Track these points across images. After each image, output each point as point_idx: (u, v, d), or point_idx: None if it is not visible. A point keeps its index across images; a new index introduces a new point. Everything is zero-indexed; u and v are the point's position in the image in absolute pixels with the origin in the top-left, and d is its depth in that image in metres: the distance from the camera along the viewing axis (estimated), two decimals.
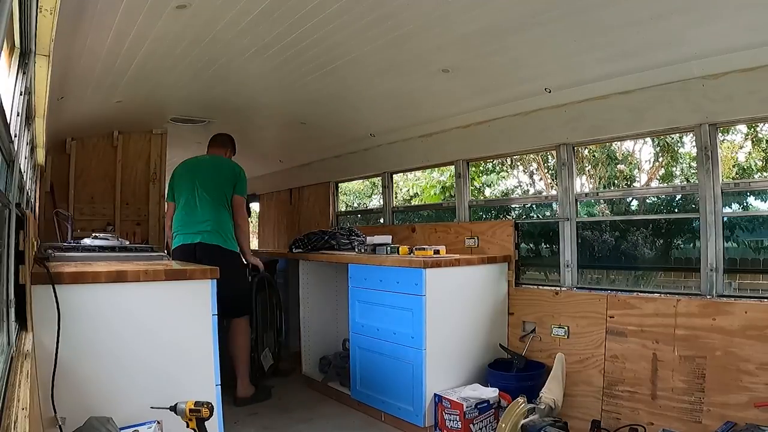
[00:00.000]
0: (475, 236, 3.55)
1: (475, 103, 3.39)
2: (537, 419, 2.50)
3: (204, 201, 3.36)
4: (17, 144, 1.53)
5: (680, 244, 6.11)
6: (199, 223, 3.31)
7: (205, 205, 3.35)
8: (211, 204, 3.35)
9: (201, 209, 3.34)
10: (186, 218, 3.37)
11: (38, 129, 2.64)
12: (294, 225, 5.77)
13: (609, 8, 2.17)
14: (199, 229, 3.30)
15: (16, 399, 1.01)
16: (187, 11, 2.25)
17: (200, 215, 3.33)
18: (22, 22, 1.39)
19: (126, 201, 4.60)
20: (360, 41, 2.61)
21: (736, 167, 6.94)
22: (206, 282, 2.07)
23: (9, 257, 1.33)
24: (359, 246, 3.68)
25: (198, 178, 3.42)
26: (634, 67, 2.60)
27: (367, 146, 4.52)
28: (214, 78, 3.17)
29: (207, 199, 3.36)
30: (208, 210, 3.34)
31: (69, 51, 2.51)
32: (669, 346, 2.56)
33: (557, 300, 3.07)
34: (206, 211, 3.33)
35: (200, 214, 3.33)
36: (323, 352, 3.91)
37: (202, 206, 3.35)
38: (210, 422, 1.84)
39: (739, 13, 2.08)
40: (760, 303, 2.32)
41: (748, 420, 2.22)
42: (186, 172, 3.51)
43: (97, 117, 3.97)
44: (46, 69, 1.76)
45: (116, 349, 1.85)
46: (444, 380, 2.93)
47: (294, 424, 3.07)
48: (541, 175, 9.30)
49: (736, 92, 2.38)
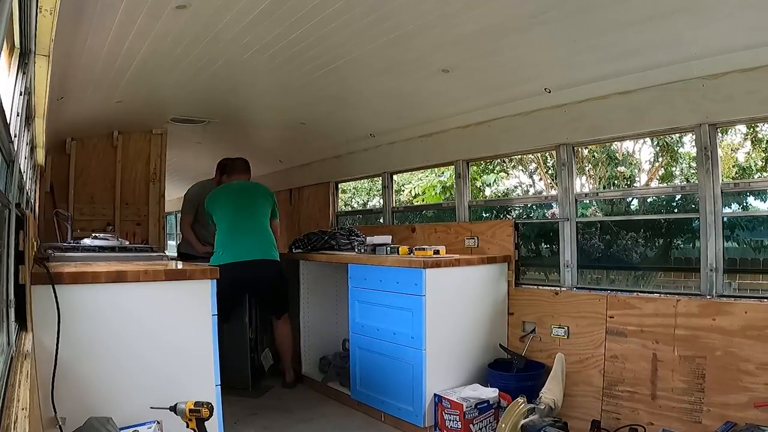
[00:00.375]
0: (475, 236, 3.54)
1: (475, 103, 3.39)
2: (537, 419, 2.50)
3: (253, 221, 3.65)
4: (17, 144, 1.53)
5: (680, 244, 6.11)
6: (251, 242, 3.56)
7: (256, 224, 3.65)
8: (259, 224, 3.66)
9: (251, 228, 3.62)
10: (234, 236, 3.57)
11: (38, 129, 2.64)
12: (294, 225, 5.77)
13: (609, 8, 2.17)
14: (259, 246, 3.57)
15: (16, 399, 1.01)
16: (187, 11, 2.25)
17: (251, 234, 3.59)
18: (22, 22, 1.39)
19: (126, 201, 4.61)
20: (360, 41, 2.61)
21: (735, 167, 6.94)
22: (206, 282, 2.06)
23: (9, 257, 1.33)
24: (359, 246, 3.68)
25: (244, 199, 3.71)
26: (634, 67, 2.60)
27: (367, 146, 4.52)
28: (214, 78, 3.17)
29: (255, 219, 3.67)
30: (260, 228, 3.65)
31: (69, 51, 2.51)
32: (669, 346, 2.56)
33: (557, 300, 3.07)
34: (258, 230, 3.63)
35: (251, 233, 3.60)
36: (323, 352, 3.91)
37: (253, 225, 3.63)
38: (210, 422, 1.84)
39: (739, 13, 2.08)
40: (760, 303, 2.32)
41: (748, 420, 2.22)
42: (228, 194, 3.72)
43: (97, 117, 3.97)
44: (46, 69, 1.76)
45: (116, 349, 1.85)
46: (444, 380, 2.93)
47: (294, 424, 3.07)
48: (541, 176, 9.30)
49: (736, 92, 2.38)
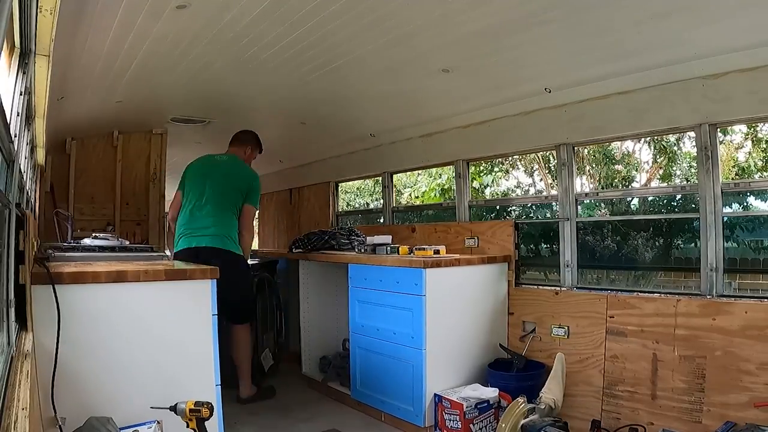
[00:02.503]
0: (475, 236, 3.54)
1: (475, 103, 3.39)
2: (537, 419, 2.50)
3: (212, 204, 3.28)
4: (17, 144, 1.53)
5: (680, 244, 6.11)
6: (203, 228, 3.23)
7: (213, 208, 3.28)
8: (218, 208, 3.28)
9: (207, 212, 3.27)
10: (191, 221, 3.29)
11: (38, 129, 2.64)
12: (294, 225, 5.77)
13: (609, 8, 2.17)
14: (204, 232, 3.23)
15: (16, 399, 1.01)
16: (187, 11, 2.25)
17: (206, 219, 3.25)
18: (22, 22, 1.39)
19: (126, 201, 4.60)
20: (360, 41, 2.61)
21: (735, 167, 6.94)
22: (206, 282, 2.06)
23: (9, 257, 1.33)
24: (359, 246, 3.68)
25: (210, 179, 3.35)
26: (634, 67, 2.60)
27: (367, 146, 4.52)
28: (215, 78, 3.17)
29: (215, 202, 3.29)
30: (215, 214, 3.27)
31: (69, 51, 2.51)
32: (669, 346, 2.56)
33: (557, 300, 3.07)
34: (213, 215, 3.26)
35: (206, 218, 3.26)
36: (323, 352, 3.91)
37: (210, 209, 3.28)
38: (210, 422, 1.84)
39: (739, 13, 2.08)
40: (760, 303, 2.32)
41: (748, 420, 2.22)
42: (200, 170, 3.43)
43: (97, 117, 3.97)
44: (46, 69, 1.76)
45: (116, 349, 1.85)
46: (444, 380, 2.93)
47: (294, 424, 3.07)
48: (542, 176, 9.29)
49: (736, 92, 2.38)
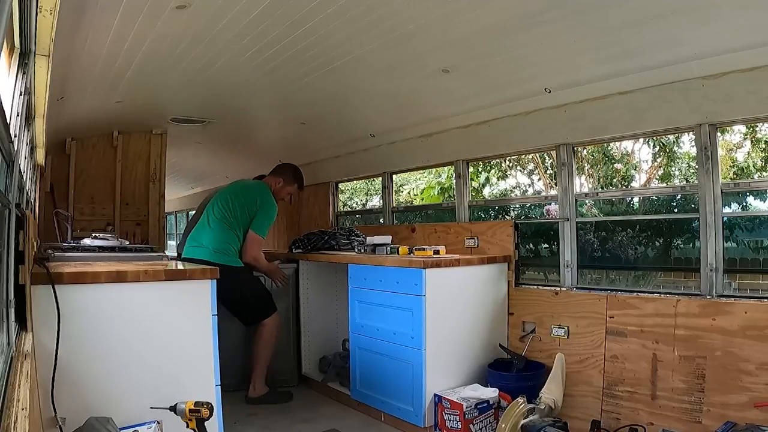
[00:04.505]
0: (475, 236, 3.54)
1: (475, 103, 3.39)
2: (537, 419, 2.50)
3: (214, 222, 3.31)
4: (17, 144, 1.53)
5: (680, 244, 6.12)
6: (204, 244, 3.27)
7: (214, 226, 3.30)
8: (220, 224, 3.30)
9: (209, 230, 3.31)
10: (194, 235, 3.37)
11: (38, 129, 2.64)
12: (294, 225, 5.76)
13: (609, 8, 2.17)
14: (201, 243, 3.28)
15: (16, 399, 1.01)
16: (187, 11, 2.25)
17: (206, 236, 3.30)
18: (22, 22, 1.39)
19: (126, 201, 4.60)
20: (360, 41, 2.61)
21: (735, 167, 6.94)
22: (206, 282, 2.06)
23: (9, 257, 1.33)
24: (359, 246, 3.68)
25: (222, 198, 3.40)
26: (634, 67, 2.60)
27: (367, 146, 4.52)
28: (214, 78, 3.17)
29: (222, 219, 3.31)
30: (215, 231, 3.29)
31: (69, 51, 2.51)
32: (669, 346, 2.56)
33: (557, 300, 3.07)
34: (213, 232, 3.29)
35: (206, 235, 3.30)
36: (323, 352, 3.91)
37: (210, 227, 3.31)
38: (210, 422, 1.84)
39: (739, 13, 2.08)
40: (760, 303, 2.32)
41: (748, 420, 2.22)
42: (222, 192, 3.49)
43: (97, 117, 3.97)
44: (46, 69, 1.76)
45: (116, 349, 1.85)
46: (444, 380, 2.93)
47: (294, 424, 3.07)
48: (540, 176, 9.29)
49: (736, 92, 2.38)
